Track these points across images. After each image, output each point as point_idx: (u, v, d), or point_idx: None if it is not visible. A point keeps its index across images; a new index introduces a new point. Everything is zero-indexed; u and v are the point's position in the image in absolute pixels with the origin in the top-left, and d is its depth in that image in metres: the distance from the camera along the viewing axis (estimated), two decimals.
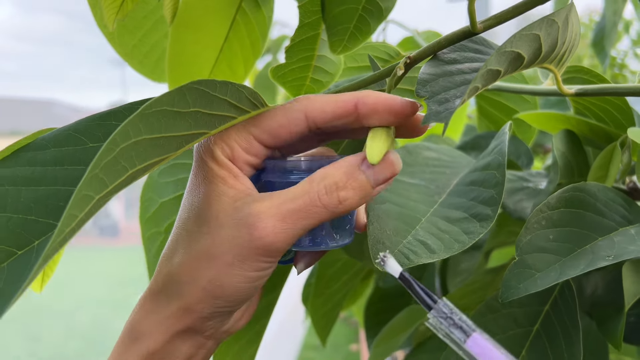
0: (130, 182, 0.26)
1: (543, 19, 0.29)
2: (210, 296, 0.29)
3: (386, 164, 0.29)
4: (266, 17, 0.46)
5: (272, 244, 0.28)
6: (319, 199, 0.28)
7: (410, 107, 0.29)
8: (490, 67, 0.27)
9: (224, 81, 0.27)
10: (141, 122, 0.24)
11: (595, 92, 0.39)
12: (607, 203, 0.38)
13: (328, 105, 0.30)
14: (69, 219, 0.22)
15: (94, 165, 0.23)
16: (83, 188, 0.22)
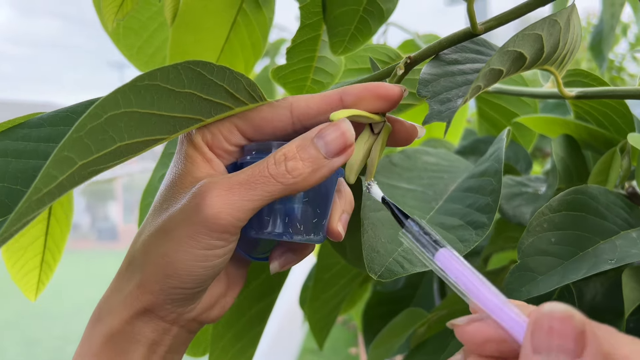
0: (120, 160, 0.25)
1: (545, 19, 0.28)
2: (161, 274, 0.29)
3: (337, 133, 0.28)
4: (267, 18, 0.46)
5: (217, 216, 0.27)
6: (267, 169, 0.28)
7: (397, 89, 0.29)
8: (492, 66, 0.27)
9: (221, 66, 0.27)
10: (132, 93, 0.24)
11: (596, 95, 0.39)
12: (608, 206, 0.37)
13: (313, 101, 0.30)
14: (47, 178, 0.21)
15: (77, 127, 0.22)
16: (65, 148, 0.22)
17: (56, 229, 0.46)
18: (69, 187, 0.23)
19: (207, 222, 0.27)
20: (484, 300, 0.22)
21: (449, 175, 0.45)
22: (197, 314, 0.32)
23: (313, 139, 0.28)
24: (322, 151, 0.28)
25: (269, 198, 0.28)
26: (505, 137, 0.41)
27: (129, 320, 0.30)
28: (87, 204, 5.18)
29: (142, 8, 0.49)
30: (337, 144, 0.28)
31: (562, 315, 0.19)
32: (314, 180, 0.28)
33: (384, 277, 0.32)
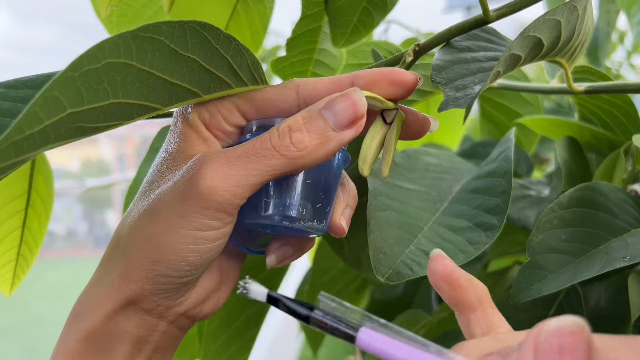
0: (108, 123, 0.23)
1: (566, 4, 0.27)
2: (147, 259, 0.26)
3: (347, 104, 0.25)
4: (267, 7, 0.44)
5: (213, 191, 0.24)
6: (270, 140, 0.25)
7: (412, 76, 0.27)
8: (513, 51, 0.26)
9: (228, 35, 0.25)
10: (134, 42, 0.22)
11: (605, 89, 0.38)
12: (618, 203, 0.36)
13: (321, 83, 0.28)
14: (31, 117, 0.19)
15: (73, 65, 0.20)
16: (55, 88, 0.20)
17: (34, 222, 0.44)
18: (52, 139, 0.21)
19: (201, 198, 0.25)
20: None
21: (452, 176, 0.44)
22: (188, 309, 0.29)
23: (321, 110, 0.25)
24: (330, 123, 0.25)
25: (270, 173, 0.25)
26: (513, 137, 0.40)
27: (111, 315, 0.27)
28: (84, 211, 5.12)
29: None
30: (347, 115, 0.25)
31: (574, 329, 0.17)
32: (321, 155, 0.25)
33: (392, 279, 0.31)
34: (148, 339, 0.28)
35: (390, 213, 0.36)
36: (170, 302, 0.28)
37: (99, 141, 5.07)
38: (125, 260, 0.26)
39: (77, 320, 0.27)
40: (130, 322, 0.27)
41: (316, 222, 0.28)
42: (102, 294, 0.27)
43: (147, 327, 0.27)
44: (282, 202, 0.27)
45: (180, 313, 0.28)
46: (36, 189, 0.42)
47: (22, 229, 0.43)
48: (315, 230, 0.28)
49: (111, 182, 4.52)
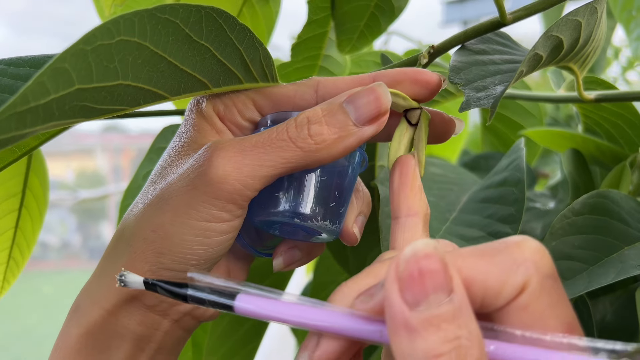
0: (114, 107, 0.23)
1: (587, 5, 0.27)
2: (152, 251, 0.25)
3: (370, 99, 0.24)
4: (273, 11, 0.44)
5: (224, 180, 0.23)
6: (286, 131, 0.24)
7: (434, 76, 0.26)
8: (537, 51, 0.26)
9: (244, 25, 0.24)
10: (150, 22, 0.21)
11: (616, 98, 0.38)
12: (630, 212, 0.36)
13: (342, 81, 0.27)
14: (38, 87, 0.18)
15: (85, 38, 0.19)
16: (65, 59, 0.19)
17: (27, 223, 0.42)
18: (57, 116, 0.20)
19: (212, 187, 0.24)
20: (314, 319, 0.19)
21: (458, 187, 0.43)
22: (193, 308, 0.27)
23: (342, 103, 0.24)
24: (351, 116, 0.24)
25: (285, 166, 0.24)
26: (523, 146, 0.40)
27: (112, 310, 0.25)
28: (78, 223, 5.04)
29: None
30: (370, 109, 0.24)
31: (429, 251, 0.17)
32: (339, 150, 0.24)
33: None
34: (151, 338, 0.26)
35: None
36: None
37: (94, 153, 5.03)
38: (129, 252, 0.25)
39: (77, 314, 0.26)
40: (132, 318, 0.26)
41: (329, 222, 0.27)
42: (104, 288, 0.26)
43: (149, 325, 0.26)
44: (295, 198, 0.26)
45: (185, 312, 0.27)
46: (31, 188, 0.40)
47: (15, 230, 0.41)
48: (327, 231, 0.27)
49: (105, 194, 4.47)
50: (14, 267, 0.43)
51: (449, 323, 0.16)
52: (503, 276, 0.17)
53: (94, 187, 5.08)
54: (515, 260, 0.18)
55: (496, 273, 0.17)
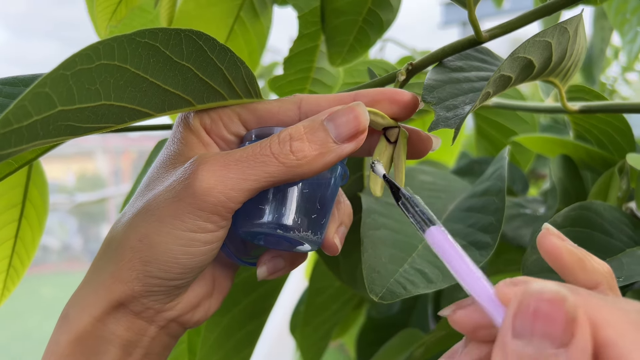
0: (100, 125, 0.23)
1: (556, 26, 0.28)
2: (139, 260, 0.26)
3: (350, 117, 0.26)
4: (264, 27, 0.45)
5: (208, 192, 0.24)
6: (269, 147, 0.25)
7: (411, 97, 0.27)
8: (503, 72, 0.26)
9: (224, 46, 0.25)
10: (129, 46, 0.22)
11: (600, 109, 0.39)
12: (613, 223, 0.36)
13: (324, 99, 0.28)
14: (20, 111, 0.19)
15: (65, 64, 0.20)
16: (46, 84, 0.20)
17: (27, 233, 0.44)
18: (41, 135, 0.21)
19: (196, 199, 0.25)
20: (468, 282, 0.20)
21: (447, 194, 0.44)
22: (178, 314, 0.28)
23: (323, 121, 0.26)
24: (331, 134, 0.26)
25: (267, 180, 0.25)
26: (507, 156, 0.40)
27: (100, 317, 0.26)
28: (79, 225, 5.10)
29: (136, 15, 0.48)
30: (349, 127, 0.26)
31: (553, 296, 0.16)
32: (319, 165, 0.26)
33: (385, 298, 0.30)
34: (138, 343, 0.28)
35: (384, 231, 0.36)
36: (160, 305, 0.27)
37: (94, 155, 5.07)
38: (116, 260, 0.26)
39: (66, 321, 0.27)
40: (120, 324, 0.27)
41: (311, 233, 0.28)
42: (92, 295, 0.26)
43: (136, 331, 0.27)
44: (278, 210, 0.27)
45: (170, 318, 0.28)
46: (31, 200, 0.42)
47: (15, 240, 0.43)
48: (309, 241, 0.28)
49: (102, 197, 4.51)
50: (13, 275, 0.44)
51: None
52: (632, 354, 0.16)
53: (95, 190, 5.12)
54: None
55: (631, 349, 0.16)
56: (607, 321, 0.17)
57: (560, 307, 0.16)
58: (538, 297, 0.17)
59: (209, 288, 0.30)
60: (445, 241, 0.22)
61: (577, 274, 0.21)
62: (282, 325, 0.93)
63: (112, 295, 0.26)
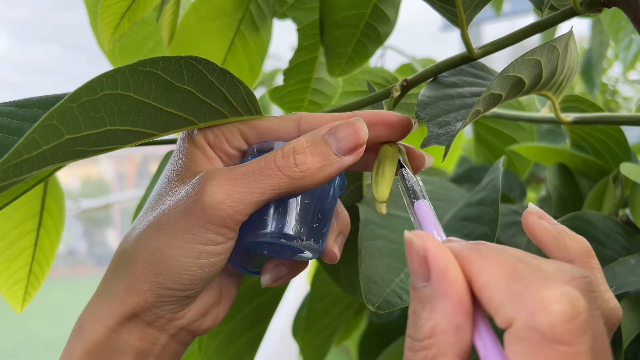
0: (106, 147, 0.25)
1: (544, 45, 0.29)
2: (151, 272, 0.27)
3: (349, 132, 0.27)
4: (264, 40, 0.46)
5: (217, 206, 0.26)
6: (274, 161, 0.26)
7: (405, 120, 0.29)
8: (492, 91, 0.27)
9: (223, 69, 0.27)
10: (132, 76, 0.23)
11: (592, 121, 0.39)
12: (606, 232, 0.37)
13: (322, 118, 0.29)
14: (30, 143, 0.20)
15: (71, 97, 0.21)
16: (53, 117, 0.21)
17: (45, 241, 0.45)
18: (50, 161, 0.22)
19: (205, 213, 0.26)
20: None
21: (444, 203, 0.45)
22: (188, 322, 0.30)
23: (324, 135, 0.27)
24: (333, 147, 0.27)
25: (272, 192, 0.26)
26: (502, 166, 0.41)
27: (114, 328, 0.27)
28: (84, 230, 5.13)
29: (138, 27, 0.49)
30: (349, 141, 0.27)
31: (407, 239, 0.21)
32: (321, 177, 0.27)
33: (382, 308, 0.31)
34: (149, 352, 0.29)
35: (381, 242, 0.36)
36: (171, 315, 0.28)
37: (98, 160, 5.08)
38: (129, 273, 0.27)
39: (80, 333, 0.28)
40: (132, 334, 0.28)
41: (313, 242, 0.29)
42: (106, 307, 0.28)
43: (148, 340, 0.28)
44: (281, 220, 0.28)
45: (181, 326, 0.29)
46: (48, 210, 0.44)
47: (34, 248, 0.45)
48: (311, 249, 0.29)
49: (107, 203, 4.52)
50: (34, 281, 0.47)
51: (423, 303, 0.20)
52: (502, 301, 0.18)
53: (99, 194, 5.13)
54: (520, 295, 0.18)
55: (500, 296, 0.18)
56: (482, 268, 0.19)
57: (411, 248, 0.21)
58: (406, 243, 0.21)
59: (217, 296, 0.31)
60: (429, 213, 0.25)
61: (552, 250, 0.24)
62: (284, 329, 0.94)
63: (126, 306, 0.27)
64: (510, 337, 0.18)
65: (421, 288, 0.20)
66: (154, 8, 0.44)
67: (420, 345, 0.20)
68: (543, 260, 0.20)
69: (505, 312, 0.18)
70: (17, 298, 0.47)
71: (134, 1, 0.42)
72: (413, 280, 0.21)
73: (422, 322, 0.20)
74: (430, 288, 0.20)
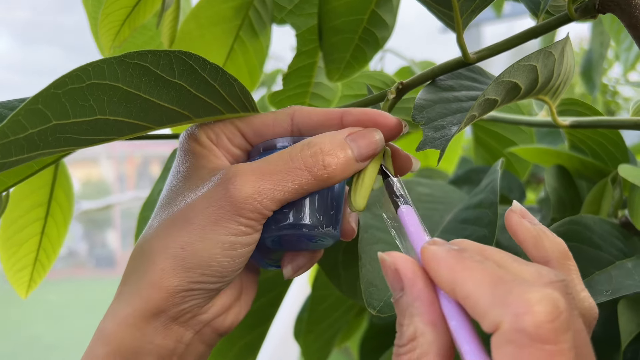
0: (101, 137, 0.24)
1: (540, 50, 0.29)
2: (181, 267, 0.27)
3: (370, 141, 0.29)
4: (264, 45, 0.46)
5: (248, 199, 0.27)
6: (302, 160, 0.28)
7: (395, 121, 0.29)
8: (487, 96, 0.27)
9: (215, 64, 0.27)
10: (119, 67, 0.23)
11: (589, 125, 0.39)
12: (603, 236, 0.37)
13: (315, 113, 0.30)
14: (14, 125, 0.21)
15: (55, 83, 0.21)
16: (38, 101, 0.21)
17: (53, 230, 0.46)
18: (41, 147, 0.22)
19: (236, 206, 0.27)
20: None
21: (444, 206, 0.45)
22: (212, 317, 0.30)
23: (345, 139, 0.28)
24: (355, 153, 0.28)
25: (297, 191, 0.28)
26: (499, 169, 0.41)
27: (139, 326, 0.27)
28: (84, 231, 5.13)
29: (139, 32, 0.50)
30: (369, 150, 0.29)
31: (381, 257, 0.23)
32: (340, 178, 0.28)
33: (383, 311, 0.32)
34: (174, 351, 0.29)
35: (382, 246, 0.37)
36: (197, 309, 0.29)
37: (99, 161, 5.09)
38: (154, 268, 0.27)
39: (103, 335, 0.28)
40: (158, 332, 0.28)
41: (331, 228, 0.30)
42: (129, 306, 0.28)
43: (174, 338, 0.28)
44: (301, 212, 0.30)
45: (205, 322, 0.30)
46: (57, 199, 0.45)
47: (41, 236, 0.46)
48: (330, 236, 0.30)
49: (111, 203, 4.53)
50: (40, 269, 0.48)
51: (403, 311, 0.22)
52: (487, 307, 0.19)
53: (100, 196, 5.14)
54: (504, 300, 0.19)
55: (485, 302, 0.19)
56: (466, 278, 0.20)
57: (384, 264, 0.23)
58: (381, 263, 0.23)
59: (238, 291, 0.32)
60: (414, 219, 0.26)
61: (531, 250, 0.24)
62: (285, 331, 0.94)
63: (152, 303, 0.27)
64: (498, 340, 0.18)
65: (399, 299, 0.22)
66: (154, 14, 0.45)
67: (404, 349, 0.21)
68: (523, 264, 0.21)
69: (491, 317, 0.19)
70: (22, 284, 0.48)
71: (134, 8, 0.42)
72: (393, 294, 0.23)
73: (404, 329, 0.21)
74: (405, 296, 0.22)
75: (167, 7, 0.43)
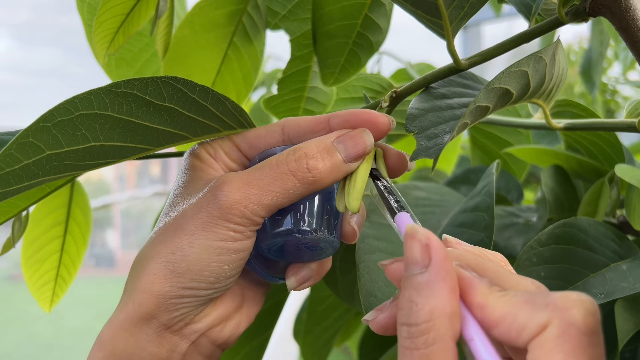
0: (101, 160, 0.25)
1: (531, 55, 0.29)
2: (172, 271, 0.28)
3: (358, 142, 0.29)
4: (258, 50, 0.46)
5: (235, 204, 0.27)
6: (287, 165, 0.28)
7: (383, 118, 0.30)
8: (479, 103, 0.27)
9: (204, 86, 0.27)
10: (107, 97, 0.24)
11: (583, 127, 0.39)
12: (597, 238, 0.37)
13: (303, 120, 0.31)
14: (8, 158, 0.21)
15: (44, 117, 0.22)
16: (29, 135, 0.22)
17: (72, 246, 0.48)
18: (41, 175, 0.23)
19: (223, 211, 0.27)
20: None
21: (441, 209, 0.45)
22: (207, 327, 0.30)
23: (333, 142, 0.29)
24: (342, 154, 0.29)
25: (285, 195, 0.28)
26: (495, 171, 0.41)
27: (131, 331, 0.28)
28: None
29: (135, 39, 0.50)
30: (357, 150, 0.29)
31: (409, 230, 0.22)
32: (329, 181, 0.28)
33: None
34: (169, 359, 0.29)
35: (379, 255, 0.36)
36: (190, 317, 0.29)
37: None
38: (147, 274, 0.28)
39: (100, 340, 0.28)
40: (150, 340, 0.28)
41: (327, 233, 0.30)
42: (123, 311, 0.28)
43: (167, 347, 0.28)
44: (293, 216, 0.30)
45: (200, 331, 0.30)
46: (74, 218, 0.46)
47: (61, 253, 0.48)
48: (326, 241, 0.30)
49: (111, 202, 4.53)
50: (62, 284, 0.50)
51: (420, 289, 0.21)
52: (529, 315, 0.19)
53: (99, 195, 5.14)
54: (546, 304, 0.19)
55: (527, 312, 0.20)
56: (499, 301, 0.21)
57: (414, 237, 0.22)
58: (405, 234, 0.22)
59: (238, 303, 0.32)
60: None
61: None
62: (285, 331, 0.94)
63: (142, 308, 0.28)
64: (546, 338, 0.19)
65: (417, 275, 0.21)
66: (149, 20, 0.45)
67: (418, 329, 0.20)
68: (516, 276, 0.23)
69: (536, 321, 0.19)
70: (45, 298, 0.49)
71: (128, 15, 0.43)
72: (410, 269, 0.21)
73: (419, 306, 0.20)
74: (428, 274, 0.21)
75: (161, 14, 0.43)
